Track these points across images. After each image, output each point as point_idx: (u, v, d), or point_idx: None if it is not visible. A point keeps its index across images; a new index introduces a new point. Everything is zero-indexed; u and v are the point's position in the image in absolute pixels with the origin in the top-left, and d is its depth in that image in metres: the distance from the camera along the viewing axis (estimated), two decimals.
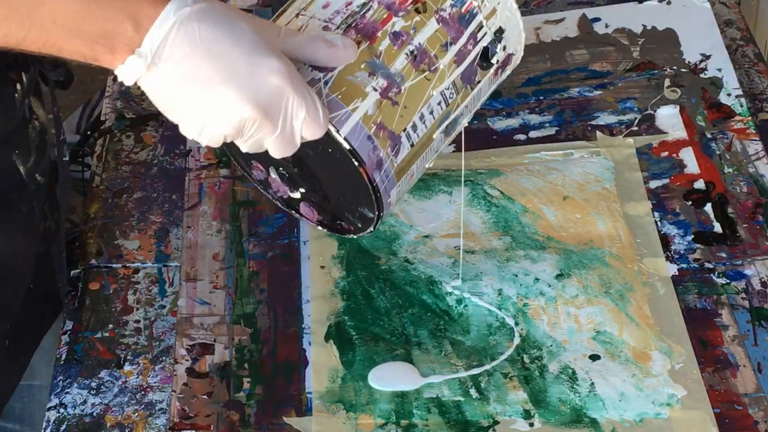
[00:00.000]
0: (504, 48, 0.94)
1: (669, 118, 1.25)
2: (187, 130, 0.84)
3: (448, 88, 0.91)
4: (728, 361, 1.03)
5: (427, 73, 0.90)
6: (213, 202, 1.22)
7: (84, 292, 1.15)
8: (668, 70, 1.31)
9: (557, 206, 1.16)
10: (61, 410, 1.06)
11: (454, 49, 0.91)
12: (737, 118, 1.24)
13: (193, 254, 1.17)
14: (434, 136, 0.92)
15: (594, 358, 1.04)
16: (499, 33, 0.94)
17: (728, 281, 1.10)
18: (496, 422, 1.00)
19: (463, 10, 0.92)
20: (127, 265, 1.18)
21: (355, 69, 0.88)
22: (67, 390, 1.07)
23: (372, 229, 0.93)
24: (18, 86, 1.02)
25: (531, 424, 1.00)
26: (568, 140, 1.24)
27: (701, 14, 1.36)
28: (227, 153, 1.04)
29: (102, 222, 1.22)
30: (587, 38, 1.36)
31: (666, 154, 1.22)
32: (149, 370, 1.09)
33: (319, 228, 0.98)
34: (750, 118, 1.24)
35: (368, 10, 0.90)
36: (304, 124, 0.84)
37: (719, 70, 1.30)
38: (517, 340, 1.06)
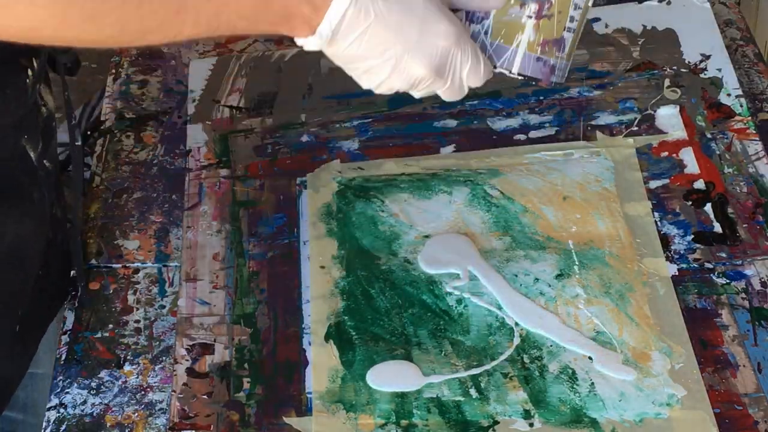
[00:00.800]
0: None
1: (669, 118, 1.25)
2: (364, 85, 0.94)
3: None
4: (728, 361, 1.03)
5: None
6: (213, 202, 1.22)
7: (84, 292, 1.15)
8: (668, 70, 1.31)
9: (557, 206, 1.16)
10: (61, 410, 1.06)
11: None
12: (737, 118, 1.24)
13: (193, 254, 1.17)
14: (590, 4, 0.96)
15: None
16: None
17: (728, 281, 1.10)
18: (496, 422, 1.00)
19: None
20: (127, 265, 1.18)
21: (507, 8, 0.93)
22: (67, 390, 1.07)
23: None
24: (29, 72, 1.03)
25: (531, 424, 1.00)
26: (568, 140, 1.24)
27: (701, 14, 1.36)
28: None
29: (102, 222, 1.22)
30: (587, 38, 1.35)
31: (666, 154, 1.22)
32: (149, 370, 1.09)
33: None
34: (750, 118, 1.24)
35: None
36: (468, 75, 0.93)
37: (719, 70, 1.30)
38: (517, 340, 1.06)
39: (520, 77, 0.94)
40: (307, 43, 0.90)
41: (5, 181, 1.04)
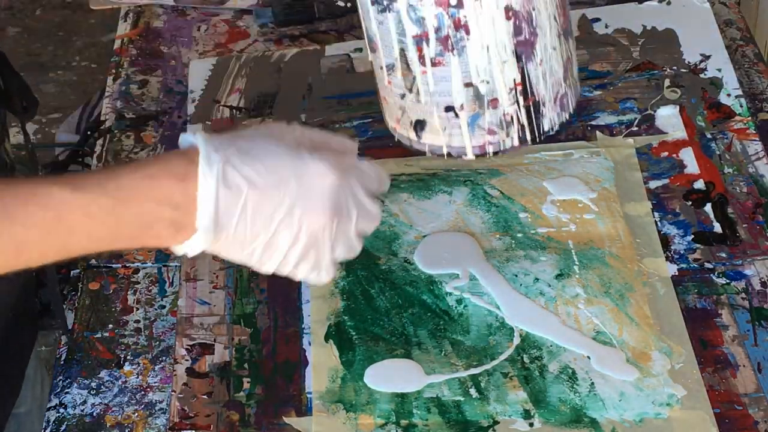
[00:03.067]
0: None
1: (669, 119, 1.25)
2: (269, 268, 0.87)
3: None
4: (728, 361, 1.03)
5: None
6: None
7: (84, 292, 1.15)
8: (668, 70, 1.31)
9: (557, 206, 1.16)
10: (61, 410, 1.06)
11: None
12: (737, 118, 1.24)
13: None
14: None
15: None
16: None
17: (728, 281, 1.10)
18: (496, 422, 1.00)
19: None
20: (127, 265, 1.18)
21: None
22: (67, 390, 1.07)
23: None
24: None
25: (531, 424, 1.00)
26: (568, 140, 1.24)
27: (701, 14, 1.36)
28: None
29: None
30: (587, 38, 1.36)
31: (666, 154, 1.22)
32: (149, 370, 1.09)
33: None
34: (750, 118, 1.24)
35: None
36: (372, 187, 0.87)
37: (719, 70, 1.30)
38: (517, 340, 1.06)
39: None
40: (190, 247, 0.83)
41: None
